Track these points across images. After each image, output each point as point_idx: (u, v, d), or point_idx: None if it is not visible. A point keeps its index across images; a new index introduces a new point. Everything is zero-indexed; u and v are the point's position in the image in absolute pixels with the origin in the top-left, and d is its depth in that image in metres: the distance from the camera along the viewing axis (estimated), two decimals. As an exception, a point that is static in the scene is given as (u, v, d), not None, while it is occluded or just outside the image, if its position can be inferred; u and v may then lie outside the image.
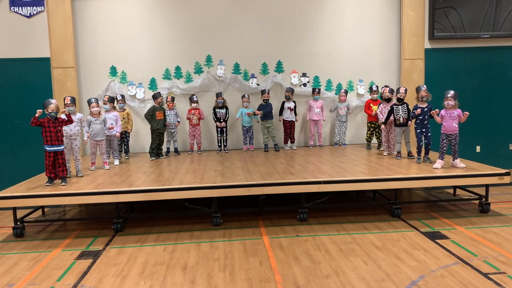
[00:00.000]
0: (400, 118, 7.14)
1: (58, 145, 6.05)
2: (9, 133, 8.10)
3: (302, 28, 8.78)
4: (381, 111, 7.83)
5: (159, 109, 7.83)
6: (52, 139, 5.98)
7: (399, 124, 7.19)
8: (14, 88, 8.09)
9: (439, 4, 8.61)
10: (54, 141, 6.00)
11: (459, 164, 6.51)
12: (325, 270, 4.55)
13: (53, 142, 6.00)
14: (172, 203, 6.26)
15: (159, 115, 7.83)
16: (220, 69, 8.67)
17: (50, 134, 5.97)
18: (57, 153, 6.05)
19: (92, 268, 4.80)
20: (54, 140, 6.00)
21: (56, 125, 6.02)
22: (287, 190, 5.93)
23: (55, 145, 6.01)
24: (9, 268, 4.88)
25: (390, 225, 6.02)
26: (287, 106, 8.44)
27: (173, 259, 4.97)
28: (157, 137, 7.88)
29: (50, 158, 6.01)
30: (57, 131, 6.03)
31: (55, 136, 6.00)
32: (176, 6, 8.52)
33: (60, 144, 6.08)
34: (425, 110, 6.76)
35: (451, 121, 6.44)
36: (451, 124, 6.45)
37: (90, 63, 8.44)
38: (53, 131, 5.98)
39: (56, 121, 6.03)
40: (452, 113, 6.44)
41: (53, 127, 5.99)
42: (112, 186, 5.84)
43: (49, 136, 5.97)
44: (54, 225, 6.55)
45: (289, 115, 8.45)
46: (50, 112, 5.96)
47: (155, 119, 7.77)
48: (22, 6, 8.03)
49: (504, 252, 4.95)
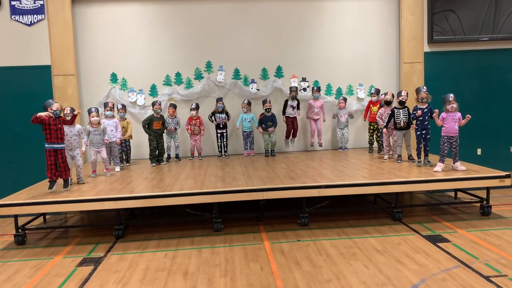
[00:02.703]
0: (401, 122, 7.16)
1: (59, 143, 6.03)
2: (11, 140, 8.11)
3: (301, 33, 8.81)
4: (380, 116, 7.82)
5: (157, 119, 7.88)
6: (51, 137, 5.95)
7: (400, 128, 7.20)
8: (15, 96, 8.12)
9: (438, 8, 8.63)
10: (53, 139, 5.97)
11: (460, 167, 6.51)
12: (326, 275, 4.54)
13: (53, 140, 5.96)
14: (173, 209, 6.27)
15: (157, 125, 7.88)
16: (220, 74, 8.70)
17: (50, 131, 5.93)
18: (57, 151, 6.02)
19: (93, 275, 4.81)
20: (54, 138, 5.97)
21: (57, 123, 6.00)
22: (288, 195, 5.93)
23: (55, 142, 5.99)
24: (11, 276, 4.89)
25: (391, 228, 6.01)
26: (290, 104, 8.46)
27: (174, 265, 4.97)
28: (154, 138, 7.86)
29: (51, 158, 5.97)
30: (57, 129, 6.00)
31: (55, 133, 5.96)
32: (176, 13, 8.56)
33: (60, 142, 6.05)
34: (425, 111, 6.77)
35: (453, 123, 6.46)
36: (453, 126, 6.46)
37: (90, 70, 8.47)
38: (53, 128, 5.95)
39: (57, 119, 6.03)
40: (454, 115, 6.46)
41: (53, 124, 5.95)
42: (113, 193, 5.86)
43: (49, 134, 5.93)
44: (56, 232, 6.56)
45: (292, 111, 8.48)
46: (55, 111, 5.97)
47: (151, 128, 7.85)
48: (22, 14, 8.08)
49: (506, 254, 4.94)
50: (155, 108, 7.90)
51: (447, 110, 6.50)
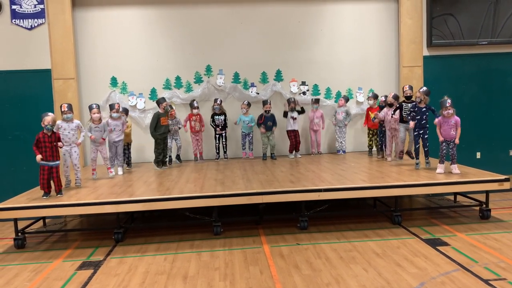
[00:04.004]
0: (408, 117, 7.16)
1: (54, 160, 6.01)
2: (10, 144, 8.13)
3: (301, 37, 8.84)
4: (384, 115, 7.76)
5: (163, 115, 7.71)
6: (47, 155, 5.93)
7: (405, 121, 7.23)
8: (15, 99, 8.14)
9: (437, 12, 8.66)
10: (49, 157, 5.95)
11: (455, 170, 6.53)
12: (325, 278, 4.55)
13: (48, 158, 5.95)
14: (172, 212, 6.27)
15: (164, 121, 7.68)
16: (220, 78, 8.72)
17: (46, 150, 5.92)
18: (51, 168, 6.00)
19: (93, 278, 4.81)
20: (49, 156, 5.95)
21: (52, 140, 5.97)
22: (287, 198, 5.94)
23: (50, 160, 5.96)
24: (10, 280, 4.89)
25: (391, 232, 6.01)
26: (291, 116, 8.44)
27: (173, 269, 4.97)
28: (161, 142, 7.71)
29: (44, 176, 5.96)
30: (53, 147, 5.97)
31: (50, 151, 5.94)
32: (176, 17, 8.60)
33: (55, 160, 6.03)
34: (423, 110, 6.78)
35: (449, 129, 6.48)
36: (448, 132, 6.50)
37: (90, 74, 8.50)
38: (48, 146, 5.92)
39: (53, 135, 6.00)
40: (449, 121, 6.46)
41: (48, 142, 5.93)
42: (113, 196, 5.86)
43: (44, 152, 5.91)
44: (55, 235, 6.56)
45: (293, 124, 8.46)
46: (46, 125, 5.89)
47: (159, 126, 7.64)
48: (23, 18, 8.11)
49: (505, 258, 4.94)
50: (164, 105, 7.70)
51: (443, 115, 6.51)
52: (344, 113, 8.66)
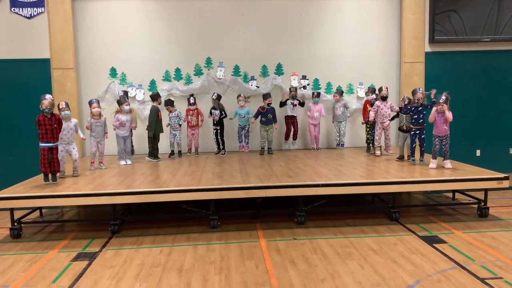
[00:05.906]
0: (403, 126, 7.25)
1: (53, 142, 6.07)
2: (8, 134, 8.11)
3: (302, 31, 8.78)
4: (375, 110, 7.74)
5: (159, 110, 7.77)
6: (47, 137, 5.99)
7: (403, 131, 7.30)
8: (14, 89, 8.10)
9: (440, 8, 8.60)
10: (49, 139, 6.01)
11: (447, 164, 6.63)
12: (321, 274, 4.53)
13: (48, 140, 6.01)
14: (169, 205, 6.25)
15: (160, 114, 7.78)
16: (220, 71, 8.67)
17: (46, 131, 5.97)
18: (52, 149, 6.07)
19: (88, 270, 4.79)
20: (50, 138, 6.02)
21: (52, 122, 6.01)
22: (285, 193, 5.91)
23: (50, 142, 6.03)
24: (5, 269, 4.87)
25: (388, 228, 5.99)
26: (291, 102, 8.40)
27: (169, 262, 4.95)
28: (158, 137, 7.81)
29: (45, 156, 6.01)
30: (53, 129, 6.02)
31: (50, 133, 6.00)
32: (176, 8, 8.53)
33: (54, 141, 6.10)
34: (420, 109, 6.77)
35: (441, 124, 6.53)
36: (441, 128, 6.56)
37: (90, 65, 8.45)
38: (48, 128, 5.98)
39: (53, 117, 6.02)
40: (442, 117, 6.49)
41: (48, 124, 5.98)
42: (110, 188, 5.84)
43: (44, 134, 5.97)
44: (52, 226, 6.54)
45: (292, 110, 8.42)
46: (44, 109, 5.95)
47: (159, 121, 7.70)
48: (22, 7, 8.05)
49: (502, 257, 4.92)
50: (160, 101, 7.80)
51: (437, 111, 6.53)
52: (342, 107, 8.61)
